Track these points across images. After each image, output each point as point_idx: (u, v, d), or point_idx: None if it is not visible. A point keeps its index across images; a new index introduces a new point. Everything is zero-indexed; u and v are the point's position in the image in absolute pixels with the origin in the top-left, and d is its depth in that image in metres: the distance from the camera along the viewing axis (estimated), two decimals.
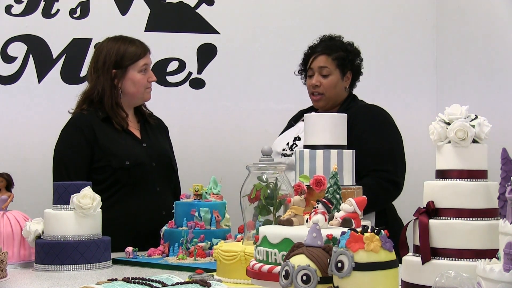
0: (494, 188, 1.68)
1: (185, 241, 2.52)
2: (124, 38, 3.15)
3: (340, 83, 3.19)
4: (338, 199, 1.90)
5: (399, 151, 3.11)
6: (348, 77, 3.21)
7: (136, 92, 3.13)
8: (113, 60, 3.09)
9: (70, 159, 3.04)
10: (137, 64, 3.11)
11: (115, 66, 3.09)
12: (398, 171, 3.05)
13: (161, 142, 3.23)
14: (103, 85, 3.08)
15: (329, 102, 3.19)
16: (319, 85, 3.17)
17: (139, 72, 3.12)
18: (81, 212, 2.44)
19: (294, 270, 1.50)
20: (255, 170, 2.09)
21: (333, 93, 3.18)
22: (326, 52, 3.18)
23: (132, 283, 1.72)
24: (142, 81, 3.13)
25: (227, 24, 4.32)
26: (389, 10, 4.46)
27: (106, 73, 3.09)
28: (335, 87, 3.18)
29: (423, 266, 1.68)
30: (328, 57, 3.18)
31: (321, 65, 3.18)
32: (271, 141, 3.27)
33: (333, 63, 3.17)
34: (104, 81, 3.09)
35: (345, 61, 3.18)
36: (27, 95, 4.11)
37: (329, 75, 3.17)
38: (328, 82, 3.17)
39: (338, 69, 3.18)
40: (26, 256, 2.55)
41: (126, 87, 3.12)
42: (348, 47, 3.21)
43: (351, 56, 3.20)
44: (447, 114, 1.77)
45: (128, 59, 3.10)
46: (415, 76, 4.48)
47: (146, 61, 3.14)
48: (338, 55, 3.17)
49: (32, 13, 4.11)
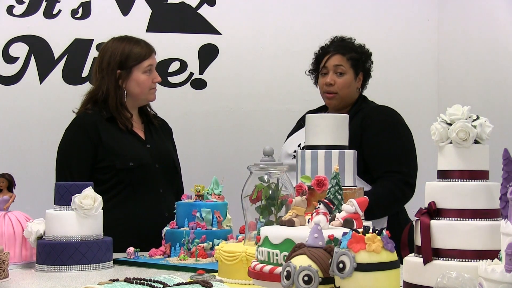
0: (495, 189, 1.68)
1: (186, 242, 2.52)
2: (129, 39, 3.15)
3: (353, 83, 3.18)
4: (339, 200, 1.89)
5: (412, 152, 3.13)
6: (360, 78, 3.20)
7: (140, 93, 3.13)
8: (117, 60, 3.09)
9: (74, 159, 3.04)
10: (142, 65, 3.11)
11: (120, 67, 3.09)
12: (412, 173, 3.06)
13: (165, 144, 3.23)
14: (108, 86, 3.08)
15: (342, 102, 3.17)
16: (333, 83, 3.15)
17: (143, 73, 3.11)
18: (83, 212, 2.44)
19: (296, 271, 1.50)
20: (256, 171, 2.09)
21: (346, 92, 3.17)
22: (341, 52, 3.17)
23: (133, 283, 1.72)
24: (147, 82, 3.12)
25: (229, 25, 4.32)
26: (391, 10, 4.47)
27: (110, 74, 3.08)
28: (349, 86, 3.17)
29: (424, 266, 1.68)
30: (343, 57, 3.16)
31: (337, 64, 3.16)
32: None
33: (348, 62, 3.16)
34: (109, 82, 3.08)
35: (358, 62, 3.17)
36: (28, 96, 4.12)
37: (344, 74, 3.16)
38: (343, 81, 3.16)
39: (352, 69, 3.17)
40: (27, 256, 2.55)
41: (130, 88, 3.12)
42: (360, 49, 3.21)
43: (364, 57, 3.20)
44: (449, 114, 1.77)
45: (133, 60, 3.09)
46: (416, 76, 4.48)
47: (150, 62, 3.13)
48: (352, 56, 3.17)
49: (34, 13, 4.12)
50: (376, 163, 3.01)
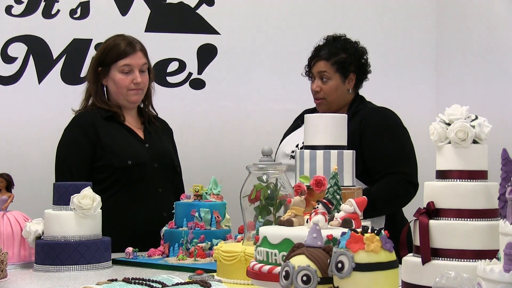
0: (494, 189, 1.68)
1: (185, 242, 2.52)
2: (120, 37, 3.12)
3: (341, 86, 3.20)
4: (338, 200, 1.90)
5: (412, 153, 3.16)
6: (351, 79, 3.21)
7: (118, 93, 3.10)
8: (99, 57, 3.10)
9: (73, 158, 3.03)
10: (118, 63, 3.06)
11: (100, 64, 3.09)
12: (413, 172, 3.09)
13: (164, 144, 3.21)
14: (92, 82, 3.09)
15: (332, 106, 3.21)
16: (319, 90, 3.20)
17: (120, 72, 3.06)
18: (81, 212, 2.44)
19: (294, 271, 1.50)
20: (255, 171, 2.09)
21: (334, 97, 3.20)
22: (325, 57, 3.19)
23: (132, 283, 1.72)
24: (122, 82, 3.06)
25: (227, 25, 4.32)
26: (389, 10, 4.46)
27: (94, 70, 3.09)
28: (336, 91, 3.19)
29: (423, 266, 1.68)
30: (327, 62, 3.19)
31: (320, 70, 3.20)
32: (271, 141, 3.26)
33: (332, 67, 3.19)
34: (92, 78, 3.09)
35: (345, 64, 3.18)
36: (27, 96, 4.11)
37: (329, 79, 3.19)
38: (328, 87, 3.19)
39: (338, 73, 3.19)
40: (26, 256, 2.55)
41: (109, 86, 3.11)
42: (351, 49, 3.21)
43: (352, 57, 3.20)
44: (447, 114, 1.77)
45: (110, 58, 3.07)
46: (415, 76, 4.48)
47: (128, 61, 3.05)
48: (338, 59, 3.18)
49: (33, 13, 4.11)
50: (377, 165, 3.03)
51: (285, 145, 3.25)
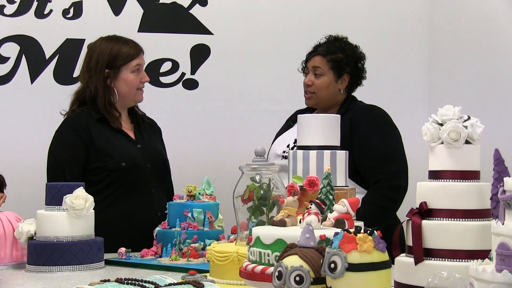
0: (486, 189, 1.68)
1: (178, 242, 2.52)
2: (117, 38, 3.15)
3: (333, 85, 3.21)
4: (331, 200, 1.90)
5: (401, 151, 3.16)
6: (344, 79, 3.22)
7: (129, 93, 3.12)
8: (106, 60, 3.09)
9: (66, 161, 3.03)
10: (130, 64, 3.10)
11: (108, 66, 3.09)
12: (401, 172, 3.10)
13: (155, 143, 3.23)
14: (96, 85, 3.08)
15: (321, 102, 3.22)
16: (310, 84, 3.21)
17: (132, 72, 3.11)
18: (74, 213, 2.43)
19: (287, 271, 1.50)
20: (248, 171, 2.09)
21: (325, 93, 3.20)
22: (322, 53, 3.21)
23: (125, 284, 1.72)
24: (135, 82, 3.12)
25: (221, 25, 4.31)
26: (382, 11, 4.47)
27: (99, 73, 3.08)
28: (327, 88, 3.20)
29: (416, 266, 1.69)
30: (323, 58, 3.21)
31: (315, 65, 3.22)
32: (264, 141, 3.26)
33: (327, 64, 3.20)
34: (97, 81, 3.08)
35: (340, 63, 3.19)
36: (19, 96, 4.10)
37: (322, 75, 3.20)
38: (320, 83, 3.20)
39: (332, 71, 3.20)
40: (18, 257, 2.54)
41: (118, 87, 3.11)
42: (350, 51, 3.22)
43: (349, 59, 3.20)
44: (440, 115, 1.78)
45: (121, 59, 3.09)
46: (408, 77, 4.49)
47: (139, 61, 3.13)
48: (334, 57, 3.19)
49: (25, 13, 4.10)
50: (366, 162, 3.03)
51: (276, 145, 3.25)
